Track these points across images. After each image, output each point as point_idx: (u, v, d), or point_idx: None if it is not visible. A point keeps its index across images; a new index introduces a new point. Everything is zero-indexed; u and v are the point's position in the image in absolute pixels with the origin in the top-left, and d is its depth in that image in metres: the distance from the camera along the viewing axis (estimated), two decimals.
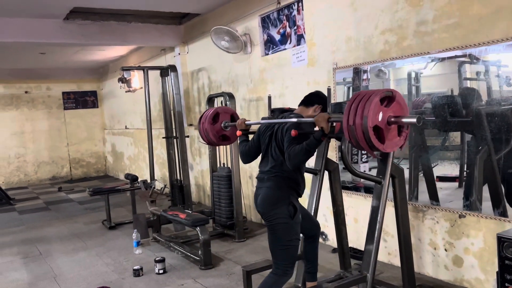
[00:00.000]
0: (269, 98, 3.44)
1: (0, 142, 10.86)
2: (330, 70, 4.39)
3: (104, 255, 4.80)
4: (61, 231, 6.07)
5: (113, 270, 4.30)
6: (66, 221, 6.67)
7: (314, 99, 3.01)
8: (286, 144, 2.68)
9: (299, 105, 3.06)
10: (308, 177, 4.46)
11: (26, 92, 11.27)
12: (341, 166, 3.83)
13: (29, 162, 11.35)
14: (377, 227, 3.00)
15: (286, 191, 2.79)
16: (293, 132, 2.61)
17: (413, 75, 3.76)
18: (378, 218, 3.01)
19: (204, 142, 3.50)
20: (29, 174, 11.34)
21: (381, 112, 2.28)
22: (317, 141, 2.53)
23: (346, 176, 4.25)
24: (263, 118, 3.01)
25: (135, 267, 4.08)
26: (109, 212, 6.10)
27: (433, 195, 3.62)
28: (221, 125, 3.36)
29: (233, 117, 3.45)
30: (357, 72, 4.11)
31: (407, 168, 3.77)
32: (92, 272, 4.29)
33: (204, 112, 3.43)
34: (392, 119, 2.31)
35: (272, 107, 4.76)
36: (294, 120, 2.72)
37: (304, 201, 4.95)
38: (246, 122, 3.13)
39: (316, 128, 2.62)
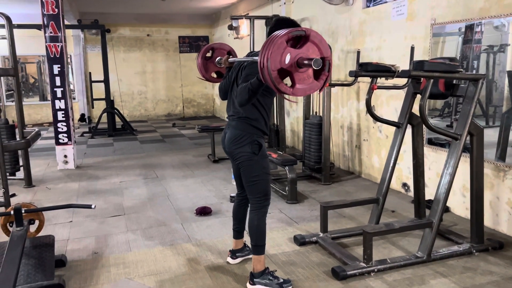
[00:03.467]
0: (358, 52, 3.66)
1: (126, 79, 12.27)
2: (428, 25, 4.41)
3: (207, 183, 5.59)
4: (174, 160, 7.05)
5: (214, 196, 5.05)
6: (178, 153, 7.67)
7: (278, 29, 2.55)
8: (240, 81, 2.70)
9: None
10: (390, 129, 4.67)
11: (148, 35, 12.43)
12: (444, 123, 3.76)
13: (149, 99, 12.74)
14: (448, 179, 3.22)
15: (249, 131, 2.83)
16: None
17: None
18: (451, 171, 3.22)
19: (201, 78, 3.43)
20: (148, 109, 12.78)
21: (288, 54, 2.12)
22: (259, 81, 2.44)
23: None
24: (247, 54, 2.91)
25: (232, 194, 4.77)
26: (213, 147, 6.91)
27: None
28: (214, 61, 3.23)
29: (230, 53, 3.30)
30: (471, 25, 3.99)
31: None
32: (197, 195, 5.09)
33: (202, 46, 3.41)
34: (304, 61, 2.11)
35: (367, 60, 4.96)
36: (249, 58, 2.67)
37: (384, 153, 5.19)
38: (229, 59, 3.05)
39: None
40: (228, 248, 3.44)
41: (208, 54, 3.35)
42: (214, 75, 3.40)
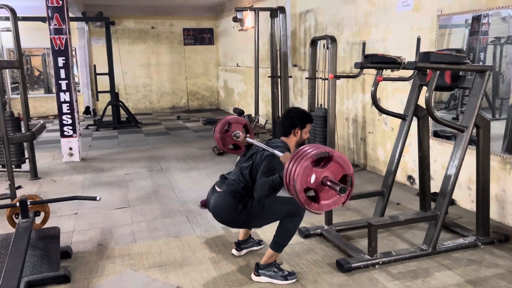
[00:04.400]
0: (364, 44, 3.62)
1: (130, 72, 12.26)
2: (435, 16, 4.36)
3: (212, 175, 5.60)
4: (178, 152, 7.05)
5: None
6: (183, 145, 7.68)
7: (289, 125, 2.96)
8: (259, 173, 2.73)
9: (280, 137, 3.05)
10: (396, 122, 4.64)
11: (152, 27, 12.40)
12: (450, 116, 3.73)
13: (154, 91, 12.74)
14: (454, 171, 3.20)
15: (239, 200, 2.85)
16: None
17: None
18: (456, 163, 3.20)
19: (216, 150, 3.51)
20: (153, 102, 12.78)
21: (314, 174, 2.25)
22: (281, 180, 2.47)
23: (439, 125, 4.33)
24: (266, 142, 3.02)
25: None
26: None
27: None
28: (231, 134, 3.36)
29: (246, 127, 3.41)
30: (478, 16, 3.95)
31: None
32: (202, 187, 5.09)
33: (218, 120, 3.47)
34: (327, 182, 2.25)
35: (373, 52, 4.92)
36: (271, 150, 2.73)
37: (390, 145, 5.16)
38: (247, 139, 3.17)
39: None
40: (233, 240, 3.45)
41: (225, 128, 3.43)
42: (231, 147, 3.47)
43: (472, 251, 3.30)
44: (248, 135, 3.28)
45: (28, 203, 3.13)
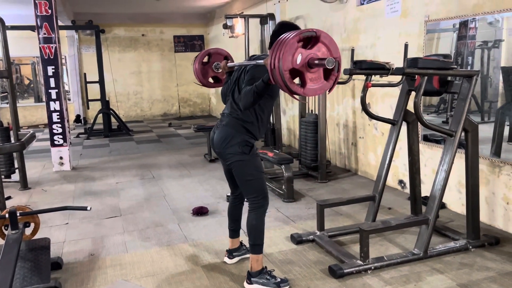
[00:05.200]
0: (352, 50, 3.66)
1: (121, 79, 12.22)
2: (422, 22, 4.41)
3: (204, 183, 5.58)
4: (170, 160, 7.03)
5: (211, 195, 5.04)
6: (174, 152, 7.66)
7: (277, 36, 2.67)
8: (244, 84, 2.70)
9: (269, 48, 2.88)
10: (386, 126, 4.68)
11: (142, 35, 12.39)
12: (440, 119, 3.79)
13: (145, 99, 12.71)
14: (444, 175, 3.23)
15: (240, 132, 2.81)
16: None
17: None
18: (446, 167, 3.22)
19: (198, 83, 3.41)
20: (144, 109, 12.75)
21: (300, 54, 2.15)
22: (265, 84, 2.46)
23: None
24: (249, 58, 2.93)
25: (228, 194, 4.74)
26: (210, 147, 6.90)
27: None
28: (211, 66, 3.25)
29: (227, 58, 3.30)
30: (465, 21, 3.98)
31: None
32: (194, 195, 5.08)
33: (199, 52, 3.37)
34: (315, 61, 2.15)
35: (362, 58, 4.96)
36: (252, 62, 2.69)
37: (380, 150, 5.20)
38: (228, 64, 3.07)
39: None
40: (225, 248, 3.44)
41: (205, 60, 3.35)
42: (211, 80, 3.39)
43: (463, 255, 3.31)
44: (229, 60, 3.18)
45: (18, 214, 3.10)
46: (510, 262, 3.18)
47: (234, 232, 3.30)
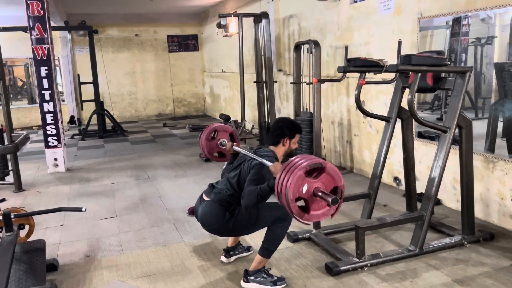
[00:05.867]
0: (346, 48, 3.67)
1: (115, 80, 12.17)
2: (415, 19, 4.42)
3: (200, 182, 5.57)
4: (165, 160, 7.01)
5: None
6: (169, 153, 7.64)
7: (278, 134, 2.96)
8: (247, 181, 2.72)
9: (268, 145, 3.04)
10: (381, 124, 4.69)
11: (136, 35, 12.34)
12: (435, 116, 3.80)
13: (139, 99, 12.66)
14: (439, 172, 3.24)
15: (227, 208, 2.84)
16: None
17: None
18: (440, 164, 3.23)
19: (203, 157, 3.52)
20: (139, 110, 12.70)
21: (306, 184, 2.27)
22: (270, 189, 2.51)
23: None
24: (254, 151, 3.01)
25: None
26: None
27: None
28: (217, 142, 3.39)
29: (232, 135, 3.42)
30: (458, 18, 4.00)
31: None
32: (189, 195, 5.06)
33: (205, 128, 3.48)
34: (319, 193, 2.28)
35: (356, 55, 4.97)
36: (259, 159, 2.74)
37: (375, 147, 5.21)
38: (233, 147, 3.17)
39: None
40: (222, 247, 3.44)
41: (211, 135, 3.42)
42: (216, 155, 3.46)
43: (459, 250, 3.33)
44: (234, 143, 3.27)
45: (12, 216, 3.08)
46: (504, 257, 3.20)
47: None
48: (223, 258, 3.31)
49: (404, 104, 3.57)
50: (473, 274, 2.98)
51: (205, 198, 2.96)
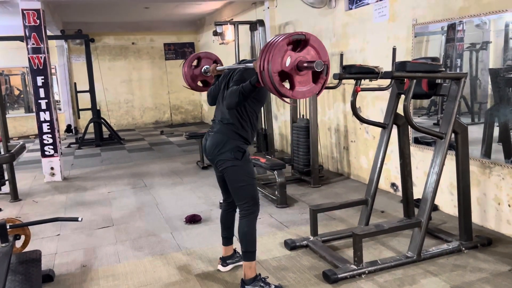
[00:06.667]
0: (341, 55, 3.68)
1: (112, 88, 12.18)
2: (410, 26, 4.45)
3: (197, 190, 5.56)
4: (162, 168, 7.00)
5: (204, 203, 5.01)
6: (167, 160, 7.62)
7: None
8: (232, 83, 2.70)
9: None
10: (377, 130, 4.69)
11: (133, 43, 12.38)
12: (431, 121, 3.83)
13: (136, 107, 12.67)
14: (435, 178, 3.24)
15: (232, 138, 2.81)
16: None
17: (511, 27, 3.50)
18: (437, 169, 3.24)
19: (187, 86, 3.43)
20: (135, 118, 12.70)
21: (289, 57, 2.16)
22: (252, 86, 2.47)
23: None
24: (239, 62, 2.93)
25: (221, 201, 4.72)
26: (202, 154, 6.87)
27: (508, 154, 3.58)
28: (201, 70, 3.27)
29: (217, 62, 3.31)
30: (453, 24, 4.01)
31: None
32: (186, 203, 5.05)
33: (189, 56, 3.38)
34: (304, 64, 2.16)
35: (352, 62, 4.98)
36: (240, 66, 2.71)
37: (372, 153, 5.21)
38: (217, 68, 3.11)
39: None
40: (219, 255, 3.42)
41: (194, 63, 3.34)
42: (200, 84, 3.38)
43: (457, 256, 3.32)
44: (218, 64, 3.19)
45: (8, 227, 3.06)
46: (502, 262, 3.19)
47: (227, 239, 3.28)
48: (220, 267, 3.29)
49: (400, 110, 3.58)
50: (471, 280, 2.97)
51: (213, 130, 2.92)
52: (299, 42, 2.23)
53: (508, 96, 3.54)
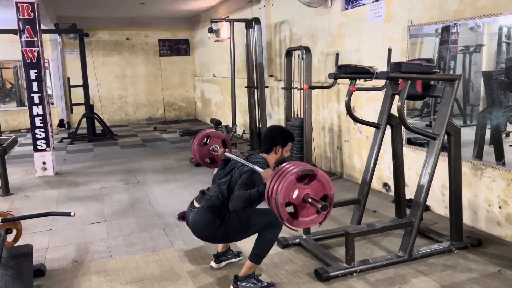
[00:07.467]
0: (337, 55, 3.69)
1: (105, 84, 12.11)
2: (405, 27, 4.47)
3: (190, 187, 5.56)
4: (155, 165, 6.98)
5: None
6: (159, 157, 7.60)
7: (271, 142, 2.95)
8: (238, 185, 2.72)
9: (260, 153, 3.03)
10: (370, 130, 4.72)
11: (127, 38, 12.30)
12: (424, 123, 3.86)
13: (129, 103, 12.61)
14: (428, 178, 3.27)
15: (217, 215, 2.81)
16: None
17: (505, 30, 3.55)
18: (429, 170, 3.26)
19: (193, 162, 3.52)
20: (129, 114, 12.64)
21: (297, 190, 2.27)
22: (259, 195, 2.51)
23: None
24: (245, 158, 3.00)
25: None
26: None
27: (499, 156, 3.62)
28: (209, 148, 3.38)
29: (225, 142, 3.43)
30: (447, 26, 4.04)
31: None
32: (179, 199, 5.04)
33: (197, 133, 3.45)
34: (309, 199, 2.28)
35: (347, 62, 5.01)
36: (251, 165, 2.73)
37: (365, 153, 5.24)
38: (225, 153, 3.15)
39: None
40: (211, 252, 3.43)
41: (204, 141, 3.40)
42: (208, 161, 3.44)
43: (447, 256, 3.36)
44: (226, 149, 3.26)
45: None
46: (492, 263, 3.23)
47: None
48: (213, 264, 3.30)
49: (394, 111, 3.60)
50: (461, 280, 3.00)
51: (196, 205, 2.94)
52: (307, 175, 2.34)
53: (500, 99, 3.58)
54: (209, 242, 3.18)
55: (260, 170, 2.64)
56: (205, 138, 3.39)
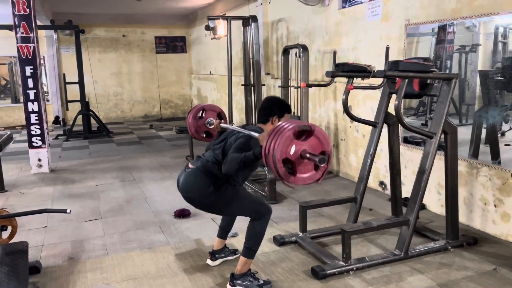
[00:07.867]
0: (334, 53, 3.69)
1: (101, 81, 12.06)
2: (402, 26, 4.48)
3: None
4: (151, 162, 6.96)
5: None
6: (156, 154, 7.58)
7: (267, 112, 2.92)
8: (233, 148, 2.71)
9: (257, 123, 3.02)
10: (367, 129, 4.73)
11: (123, 35, 12.25)
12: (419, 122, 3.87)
13: (125, 100, 12.57)
14: (424, 177, 3.28)
15: (210, 177, 2.79)
16: None
17: (501, 30, 3.56)
18: (426, 168, 3.27)
19: (190, 135, 3.50)
20: (125, 111, 12.60)
21: (294, 146, 2.27)
22: (255, 157, 2.51)
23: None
24: (242, 126, 3.01)
25: None
26: (192, 149, 6.86)
27: (495, 155, 3.64)
28: (205, 121, 3.36)
29: (220, 115, 3.41)
30: (444, 26, 4.05)
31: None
32: (175, 197, 5.02)
33: (194, 107, 3.45)
34: (306, 154, 2.28)
35: (344, 60, 5.01)
36: (247, 132, 2.73)
37: (362, 152, 5.24)
38: (221, 125, 3.15)
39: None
40: (208, 250, 3.42)
41: (199, 114, 3.39)
42: (204, 135, 3.43)
43: (443, 255, 3.37)
44: (222, 120, 3.25)
45: None
46: (487, 261, 3.25)
47: (225, 232, 3.30)
48: (209, 261, 3.29)
49: (391, 109, 3.61)
50: (456, 278, 3.01)
51: (191, 166, 2.91)
52: (304, 131, 2.35)
53: (496, 98, 3.59)
54: (192, 206, 3.01)
55: (256, 134, 2.63)
56: (201, 111, 3.36)
